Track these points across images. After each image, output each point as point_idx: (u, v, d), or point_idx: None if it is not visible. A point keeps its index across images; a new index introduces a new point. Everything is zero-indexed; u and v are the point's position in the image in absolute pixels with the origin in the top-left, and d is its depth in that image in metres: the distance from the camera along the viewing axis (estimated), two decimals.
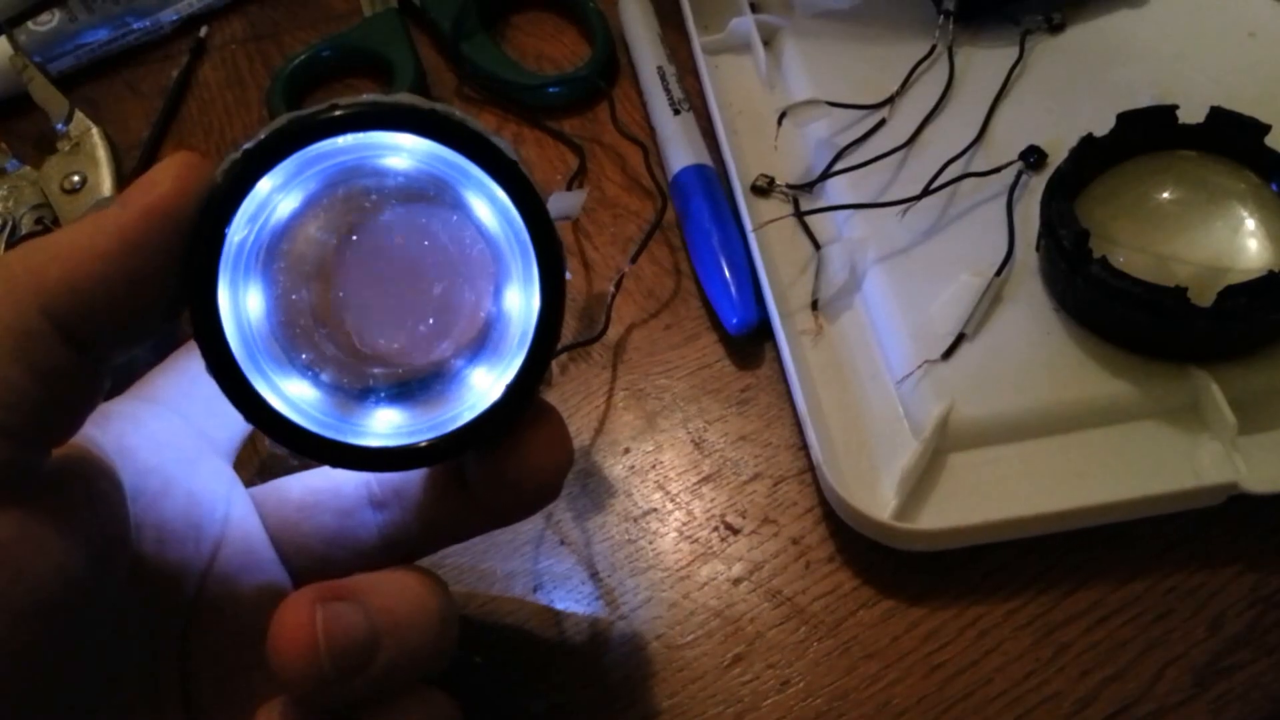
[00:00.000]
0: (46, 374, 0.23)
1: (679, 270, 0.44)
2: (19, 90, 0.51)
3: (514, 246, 0.26)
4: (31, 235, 0.47)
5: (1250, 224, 0.38)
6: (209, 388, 0.25)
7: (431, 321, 0.27)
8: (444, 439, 0.26)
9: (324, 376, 0.26)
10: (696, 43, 0.48)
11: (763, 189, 0.44)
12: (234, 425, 0.29)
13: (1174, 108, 0.39)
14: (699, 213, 0.43)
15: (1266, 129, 0.38)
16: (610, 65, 0.51)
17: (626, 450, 0.39)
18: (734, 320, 0.41)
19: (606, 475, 0.39)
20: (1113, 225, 0.38)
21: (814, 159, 0.44)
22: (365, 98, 0.24)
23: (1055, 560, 0.35)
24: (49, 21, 0.54)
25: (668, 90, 0.48)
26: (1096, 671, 0.33)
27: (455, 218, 0.26)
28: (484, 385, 0.26)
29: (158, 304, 0.24)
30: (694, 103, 0.47)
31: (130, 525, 0.27)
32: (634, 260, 0.44)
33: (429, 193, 0.26)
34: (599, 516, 0.38)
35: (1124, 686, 0.33)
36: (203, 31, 0.56)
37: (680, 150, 0.45)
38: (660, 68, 0.49)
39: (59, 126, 0.49)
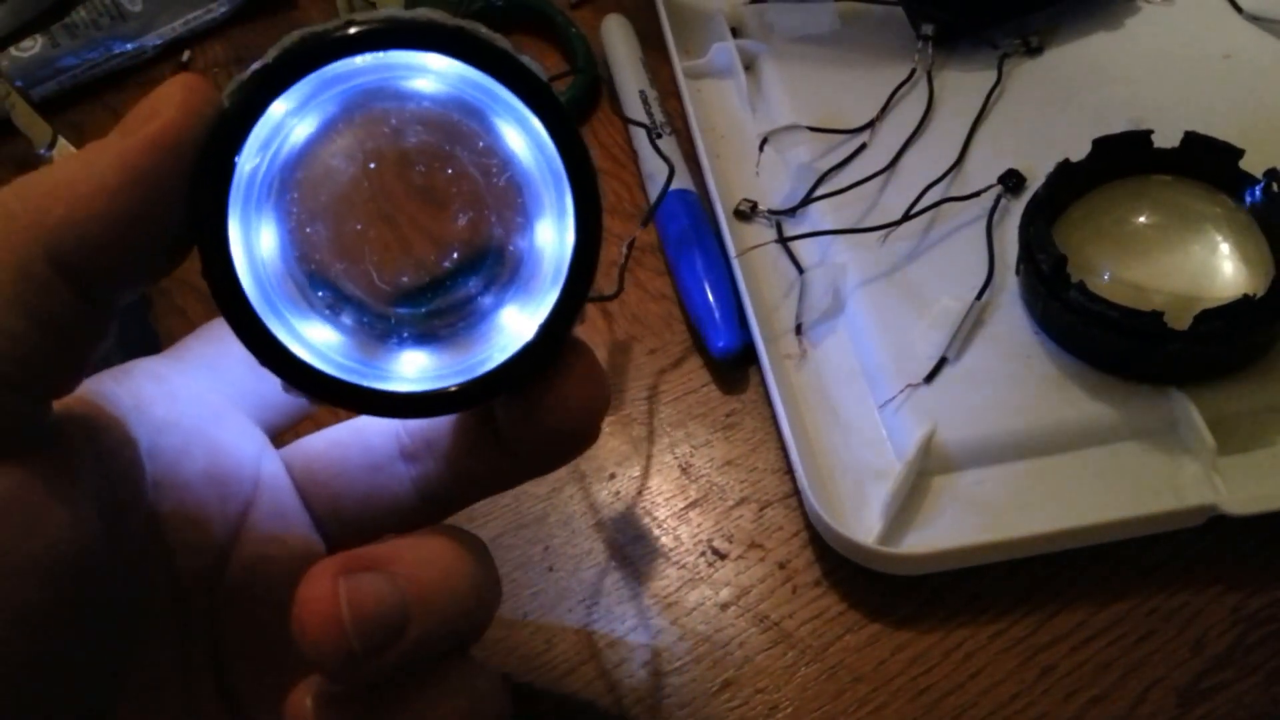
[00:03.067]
0: (48, 320, 0.22)
1: (664, 295, 0.44)
2: (1, 116, 0.51)
3: (547, 176, 0.24)
4: None
5: (1225, 248, 0.38)
6: (240, 350, 0.23)
7: (456, 256, 0.25)
8: (475, 382, 0.24)
9: (345, 318, 0.25)
10: (678, 67, 0.48)
11: (745, 214, 0.44)
12: (268, 388, 0.27)
13: (1149, 133, 0.39)
14: (682, 238, 0.44)
15: (1240, 153, 0.38)
16: (592, 89, 0.51)
17: (613, 476, 0.40)
18: (719, 344, 0.41)
19: (593, 501, 0.39)
20: (1090, 249, 0.39)
21: (796, 183, 0.45)
22: (383, 13, 0.22)
23: (1038, 582, 0.36)
24: (31, 48, 0.54)
25: (650, 114, 0.48)
26: (1081, 693, 0.34)
27: (482, 145, 0.25)
28: (515, 325, 0.25)
29: (163, 241, 0.22)
30: (676, 126, 0.48)
31: (146, 481, 0.26)
32: (645, 224, 0.44)
33: (455, 118, 0.25)
34: (586, 543, 0.38)
35: (1108, 708, 0.33)
36: (185, 56, 0.56)
37: (663, 175, 0.46)
38: (642, 91, 0.49)
39: (42, 152, 0.49)
